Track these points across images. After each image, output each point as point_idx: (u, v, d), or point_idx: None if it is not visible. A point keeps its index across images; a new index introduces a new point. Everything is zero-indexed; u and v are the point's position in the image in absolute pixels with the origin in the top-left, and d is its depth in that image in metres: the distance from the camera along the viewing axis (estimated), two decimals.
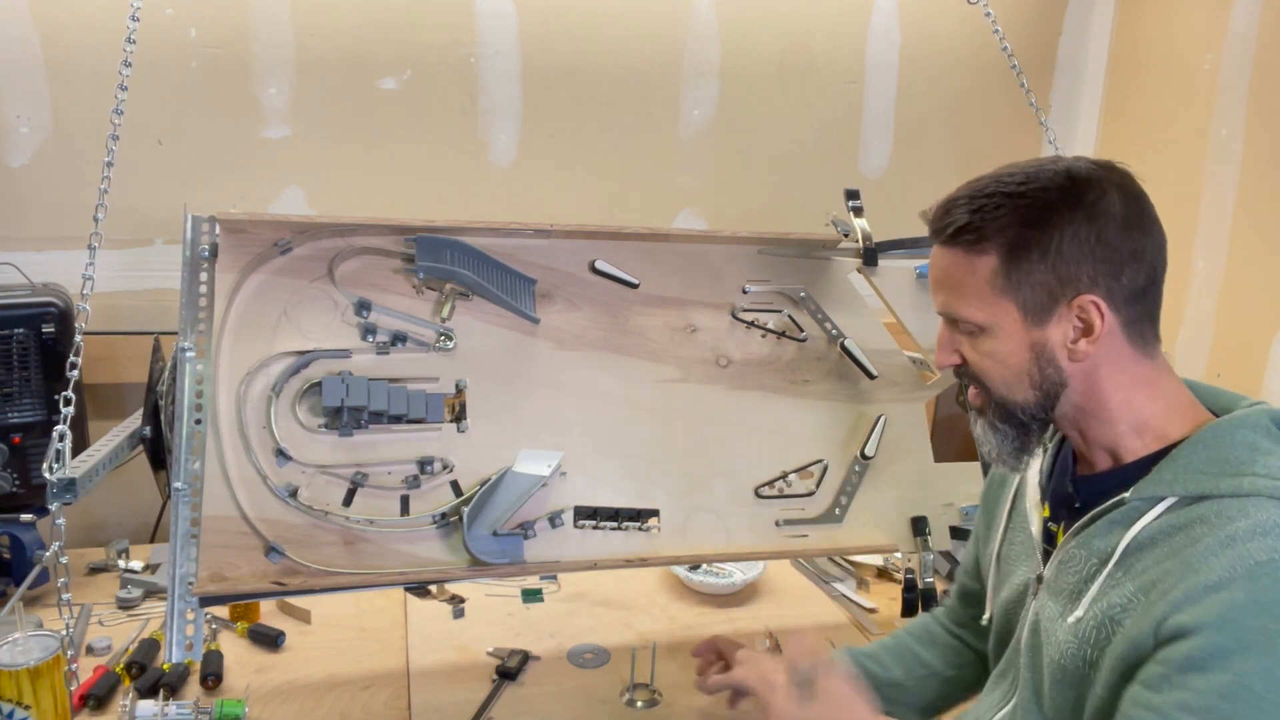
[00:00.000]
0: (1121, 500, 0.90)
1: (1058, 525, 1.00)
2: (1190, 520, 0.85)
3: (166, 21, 1.74)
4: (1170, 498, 0.87)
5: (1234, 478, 0.85)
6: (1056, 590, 0.95)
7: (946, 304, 0.95)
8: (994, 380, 0.95)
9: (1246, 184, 1.86)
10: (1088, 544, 0.93)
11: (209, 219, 1.27)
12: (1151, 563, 0.86)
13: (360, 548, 1.24)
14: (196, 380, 1.22)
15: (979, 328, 0.93)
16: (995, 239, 0.90)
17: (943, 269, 0.95)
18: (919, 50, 2.14)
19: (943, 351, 0.98)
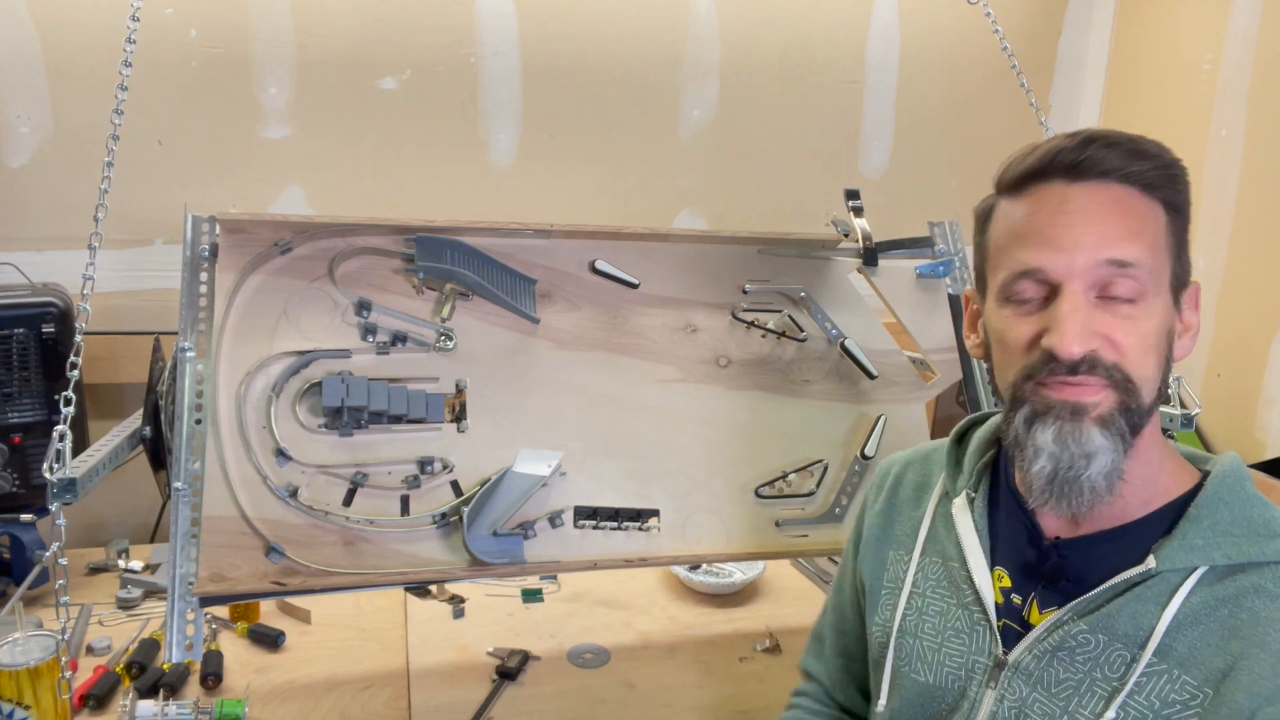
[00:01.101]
0: (1149, 571, 0.77)
1: (1025, 597, 0.84)
2: (1239, 592, 0.74)
3: (166, 21, 1.74)
4: (1203, 567, 0.76)
5: (1270, 540, 0.76)
6: (1048, 683, 0.80)
7: (1121, 246, 0.74)
8: (1137, 370, 0.76)
9: (1246, 184, 1.86)
10: (1106, 627, 0.78)
11: (209, 219, 1.27)
12: (1205, 646, 0.74)
13: (360, 548, 1.24)
14: (196, 380, 1.22)
15: (1142, 293, 0.75)
16: (1164, 190, 0.78)
17: (1113, 204, 0.76)
18: (919, 50, 2.14)
19: (1085, 333, 0.74)
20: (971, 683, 0.85)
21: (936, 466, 0.98)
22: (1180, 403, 1.48)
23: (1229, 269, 1.90)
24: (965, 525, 0.88)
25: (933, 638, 0.89)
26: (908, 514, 0.97)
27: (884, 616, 0.94)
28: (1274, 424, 1.80)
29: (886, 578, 0.96)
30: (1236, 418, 1.87)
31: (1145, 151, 0.78)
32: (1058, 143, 0.79)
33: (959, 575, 0.88)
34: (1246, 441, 1.85)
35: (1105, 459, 0.75)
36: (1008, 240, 0.81)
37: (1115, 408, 0.76)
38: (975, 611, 0.86)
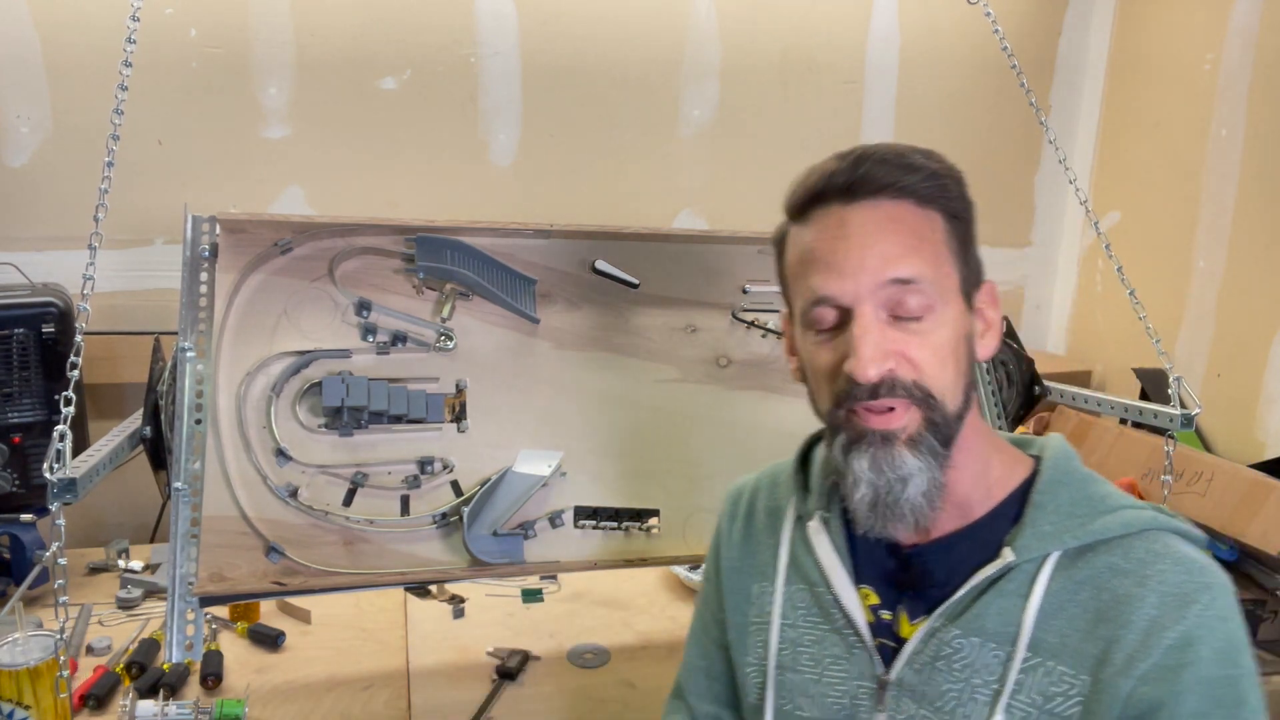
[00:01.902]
0: (1007, 565, 0.77)
1: (893, 612, 0.83)
2: (1096, 573, 0.76)
3: (166, 21, 1.74)
4: (1056, 552, 0.77)
5: (1111, 515, 0.78)
6: (933, 697, 0.79)
7: (901, 264, 0.74)
8: (936, 383, 0.76)
9: (1246, 184, 1.86)
10: (977, 628, 0.78)
11: (209, 219, 1.27)
12: (1074, 633, 0.75)
13: (360, 548, 1.24)
14: (197, 380, 1.22)
15: (929, 306, 0.76)
16: (938, 200, 0.78)
17: (889, 222, 0.76)
18: (919, 50, 2.14)
19: (879, 355, 0.74)
20: (859, 710, 0.83)
21: (784, 490, 0.94)
22: (1180, 403, 1.48)
23: (1229, 269, 1.90)
24: (824, 547, 0.86)
25: (812, 669, 0.86)
26: (766, 542, 0.93)
27: (757, 654, 0.90)
28: (1274, 424, 1.80)
29: (753, 612, 0.91)
30: (1236, 418, 1.87)
31: (914, 164, 0.78)
32: (831, 165, 0.79)
33: (826, 599, 0.86)
34: (1246, 441, 1.85)
35: (921, 479, 0.76)
36: (799, 267, 0.80)
37: (921, 426, 0.76)
38: (849, 634, 0.84)
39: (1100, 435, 1.83)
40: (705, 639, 0.99)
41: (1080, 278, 2.33)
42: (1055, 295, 2.39)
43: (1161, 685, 0.72)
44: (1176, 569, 0.75)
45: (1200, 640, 0.72)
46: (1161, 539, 0.77)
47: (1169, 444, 1.50)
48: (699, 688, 0.99)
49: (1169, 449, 1.49)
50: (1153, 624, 0.73)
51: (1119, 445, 1.77)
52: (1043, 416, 1.98)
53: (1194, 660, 0.72)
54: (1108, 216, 2.20)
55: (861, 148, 0.78)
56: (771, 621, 0.88)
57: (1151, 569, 0.75)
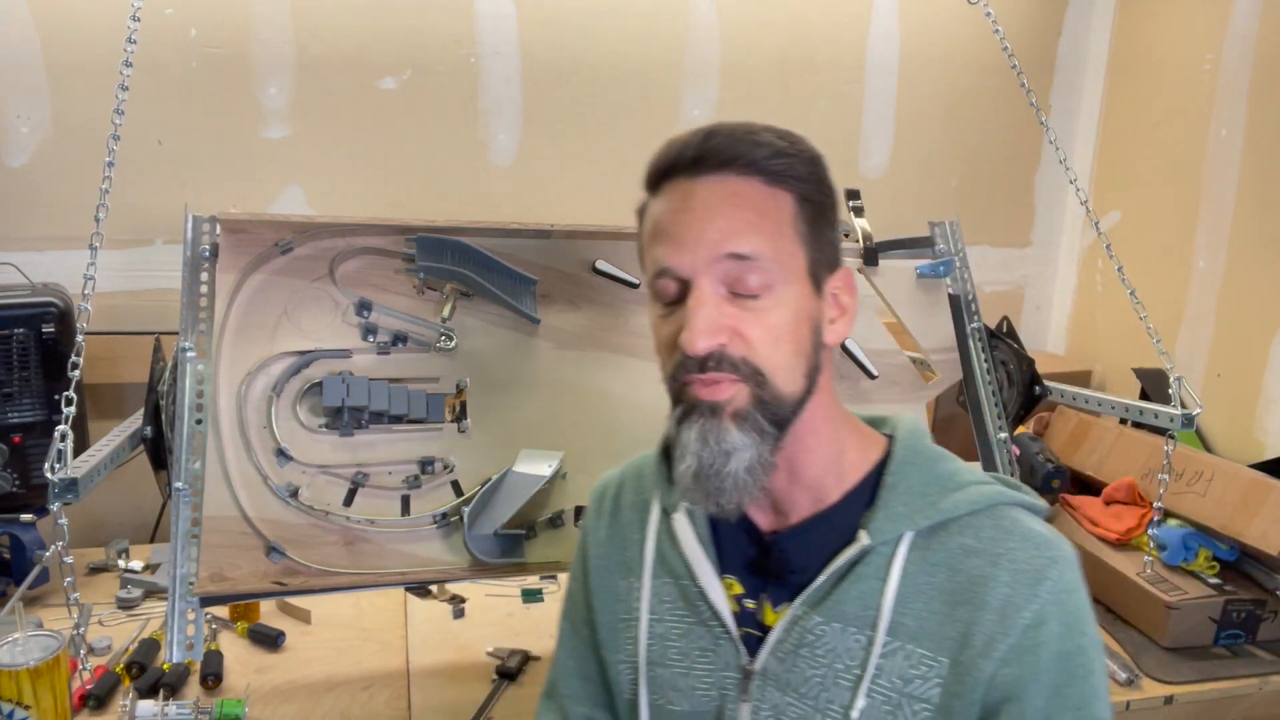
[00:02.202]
0: (864, 548, 0.78)
1: (757, 601, 0.83)
2: (950, 554, 0.78)
3: (166, 21, 1.74)
4: (910, 532, 0.78)
5: (958, 492, 0.79)
6: (796, 684, 0.80)
7: (740, 240, 0.74)
8: (771, 363, 0.75)
9: (1246, 184, 1.86)
10: (838, 613, 0.79)
11: (209, 219, 1.27)
12: (931, 615, 0.77)
13: (360, 548, 1.24)
14: (197, 380, 1.22)
15: (768, 285, 0.75)
16: (792, 178, 0.77)
17: (731, 197, 0.75)
18: (919, 50, 2.14)
19: (710, 328, 0.74)
20: (726, 700, 0.83)
21: (648, 483, 0.93)
22: (1180, 403, 1.48)
23: (1229, 269, 1.90)
24: (688, 539, 0.86)
25: (680, 662, 0.85)
26: (632, 537, 0.92)
27: (628, 651, 0.89)
28: (1274, 424, 1.80)
29: (622, 609, 0.90)
30: (1236, 418, 1.87)
31: (761, 141, 0.77)
32: (684, 138, 0.78)
33: (691, 592, 0.85)
34: (1246, 441, 1.85)
35: (745, 455, 0.75)
36: (649, 239, 0.80)
37: (749, 403, 0.75)
38: (715, 626, 0.84)
39: (1100, 435, 1.83)
40: (575, 640, 0.97)
41: (1080, 278, 2.33)
42: (1055, 295, 2.39)
43: (1020, 665, 0.74)
44: (1025, 545, 0.77)
45: (1052, 616, 0.75)
46: (1009, 514, 0.79)
47: (1169, 444, 1.50)
48: (572, 689, 0.97)
49: (1169, 449, 1.49)
50: (1007, 603, 0.75)
51: (1119, 445, 1.77)
52: (1043, 416, 1.98)
53: (1048, 637, 0.75)
54: (1108, 216, 2.20)
55: (716, 123, 0.78)
56: (640, 617, 0.88)
57: (1002, 547, 0.77)
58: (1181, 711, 1.38)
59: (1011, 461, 1.51)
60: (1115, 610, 1.56)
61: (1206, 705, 1.39)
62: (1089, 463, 1.81)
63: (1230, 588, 1.50)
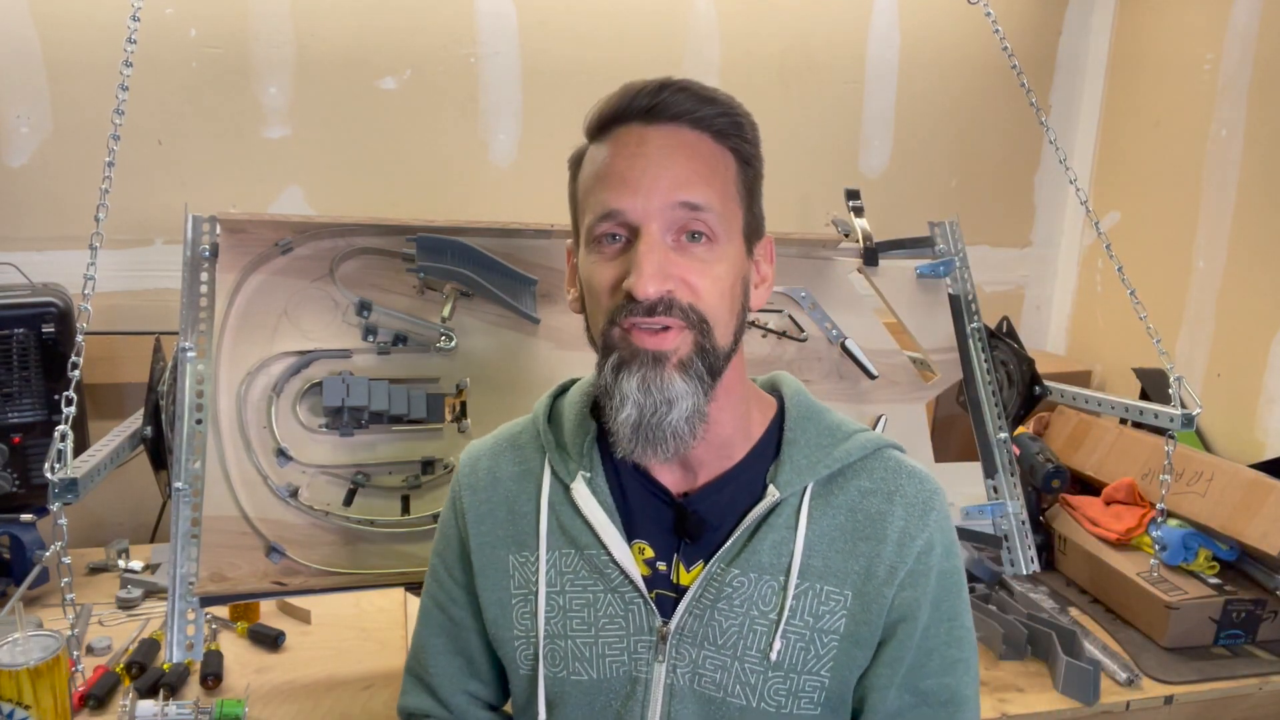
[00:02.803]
0: (775, 501, 0.82)
1: (669, 562, 0.85)
2: (850, 499, 0.84)
3: (166, 21, 1.74)
4: (812, 481, 0.84)
5: (847, 441, 0.86)
6: (714, 637, 0.82)
7: (693, 189, 0.76)
8: (712, 312, 0.78)
9: (1246, 184, 1.86)
10: (754, 564, 0.82)
11: (209, 219, 1.27)
12: (836, 554, 0.83)
13: (360, 548, 1.24)
14: (197, 380, 1.22)
15: (713, 238, 0.78)
16: (732, 139, 0.81)
17: (685, 148, 0.78)
18: (919, 50, 2.14)
19: (660, 273, 0.75)
20: (637, 664, 0.84)
21: (530, 451, 0.92)
22: (1180, 402, 1.48)
23: (1229, 269, 1.90)
24: (591, 507, 0.85)
25: (585, 632, 0.85)
26: (518, 510, 0.90)
27: (524, 625, 0.88)
28: (1274, 424, 1.80)
29: (514, 584, 0.88)
30: (1236, 418, 1.87)
31: (715, 99, 0.80)
32: (635, 86, 0.80)
33: (599, 560, 0.85)
34: (1246, 441, 1.85)
35: (686, 403, 0.77)
36: (592, 183, 0.80)
37: (692, 350, 0.77)
38: (626, 591, 0.84)
39: (1100, 435, 1.83)
40: (443, 618, 0.95)
41: (1080, 278, 2.33)
42: (1055, 295, 2.39)
43: (915, 587, 0.83)
44: (913, 481, 0.85)
45: (938, 541, 0.84)
46: (891, 455, 0.87)
47: (1169, 444, 1.50)
48: (442, 667, 0.95)
49: (1169, 449, 1.49)
50: (903, 534, 0.83)
51: (1119, 445, 1.77)
52: (1043, 416, 1.98)
53: (935, 560, 0.84)
54: (1108, 216, 2.20)
55: (666, 77, 0.80)
56: (538, 590, 0.86)
57: (894, 484, 0.85)
58: (1181, 711, 1.38)
59: (1011, 461, 1.51)
60: (1115, 610, 1.56)
61: (1206, 705, 1.39)
62: (1089, 463, 1.81)
63: (1230, 588, 1.50)
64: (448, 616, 0.95)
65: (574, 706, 0.86)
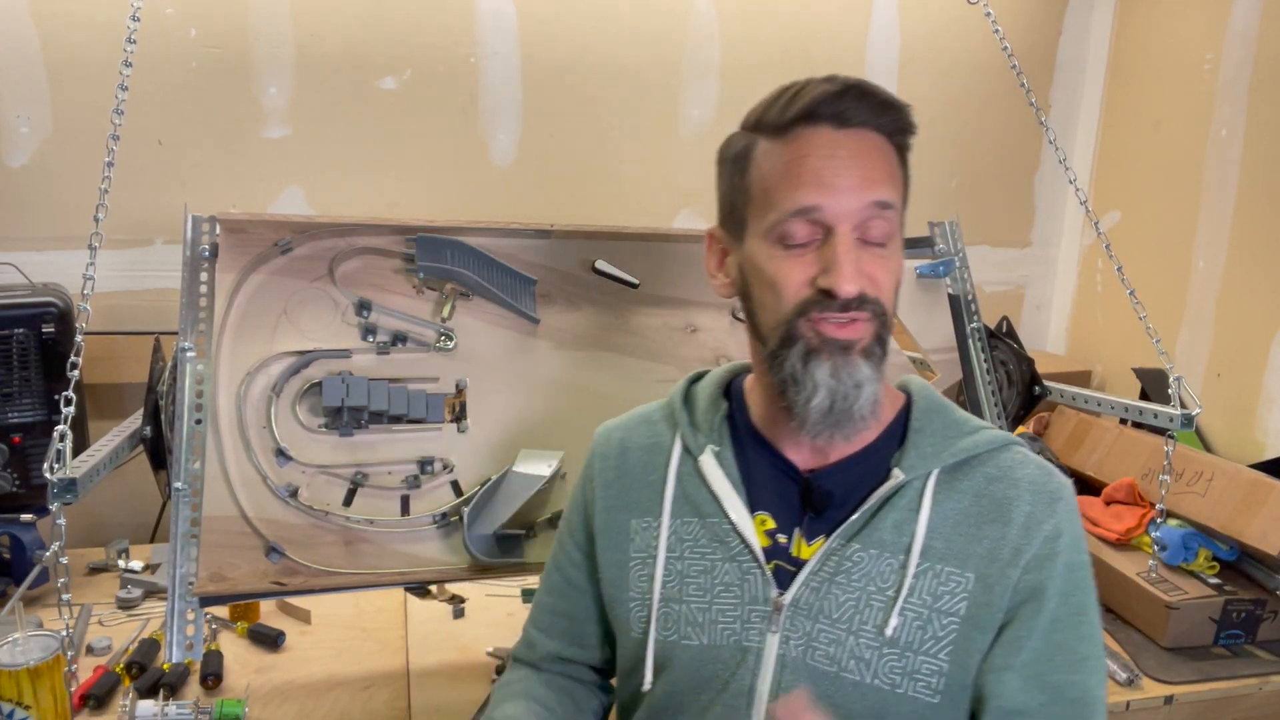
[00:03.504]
0: (899, 483, 0.85)
1: (790, 535, 0.88)
2: (975, 484, 0.86)
3: (166, 21, 1.74)
4: (937, 469, 0.86)
5: (974, 434, 0.88)
6: (829, 610, 0.84)
7: (884, 189, 0.81)
8: (888, 303, 0.83)
9: (1246, 184, 1.86)
10: (875, 540, 0.85)
11: (209, 219, 1.27)
12: (959, 537, 0.84)
13: (360, 548, 1.24)
14: (197, 380, 1.22)
15: (891, 234, 0.83)
16: (901, 140, 0.85)
17: (873, 151, 0.82)
18: (919, 51, 2.14)
19: (856, 273, 0.79)
20: (749, 633, 0.86)
21: (661, 427, 0.97)
22: (1180, 403, 1.48)
23: (1229, 269, 1.90)
24: (718, 478, 0.90)
25: (700, 598, 0.88)
26: (644, 479, 0.95)
27: (640, 588, 0.92)
28: (1274, 424, 1.80)
29: (633, 547, 0.93)
30: (1236, 418, 1.87)
31: (894, 104, 0.83)
32: (820, 88, 0.82)
33: (721, 529, 0.89)
34: (1247, 441, 1.85)
35: (871, 388, 0.82)
36: (777, 179, 0.82)
37: (873, 340, 0.82)
38: (745, 560, 0.87)
39: (1100, 435, 1.83)
40: (559, 579, 1.01)
41: (1080, 278, 2.33)
42: (1055, 295, 2.39)
43: (1040, 571, 0.83)
44: (1040, 472, 0.87)
45: (1065, 531, 0.85)
46: (1019, 450, 0.89)
47: (1169, 444, 1.50)
48: (545, 624, 1.03)
49: (1169, 449, 1.49)
50: (1029, 518, 0.84)
51: (1119, 445, 1.77)
52: (1043, 416, 1.98)
53: (1063, 548, 0.84)
54: (1108, 216, 2.20)
55: (846, 77, 0.83)
56: (657, 555, 0.90)
57: (1020, 473, 0.86)
58: (1181, 712, 1.38)
59: None
60: (1115, 610, 1.56)
61: (1206, 705, 1.39)
62: (1089, 463, 1.81)
63: (1230, 588, 1.50)
64: (563, 577, 1.01)
65: (681, 671, 0.89)
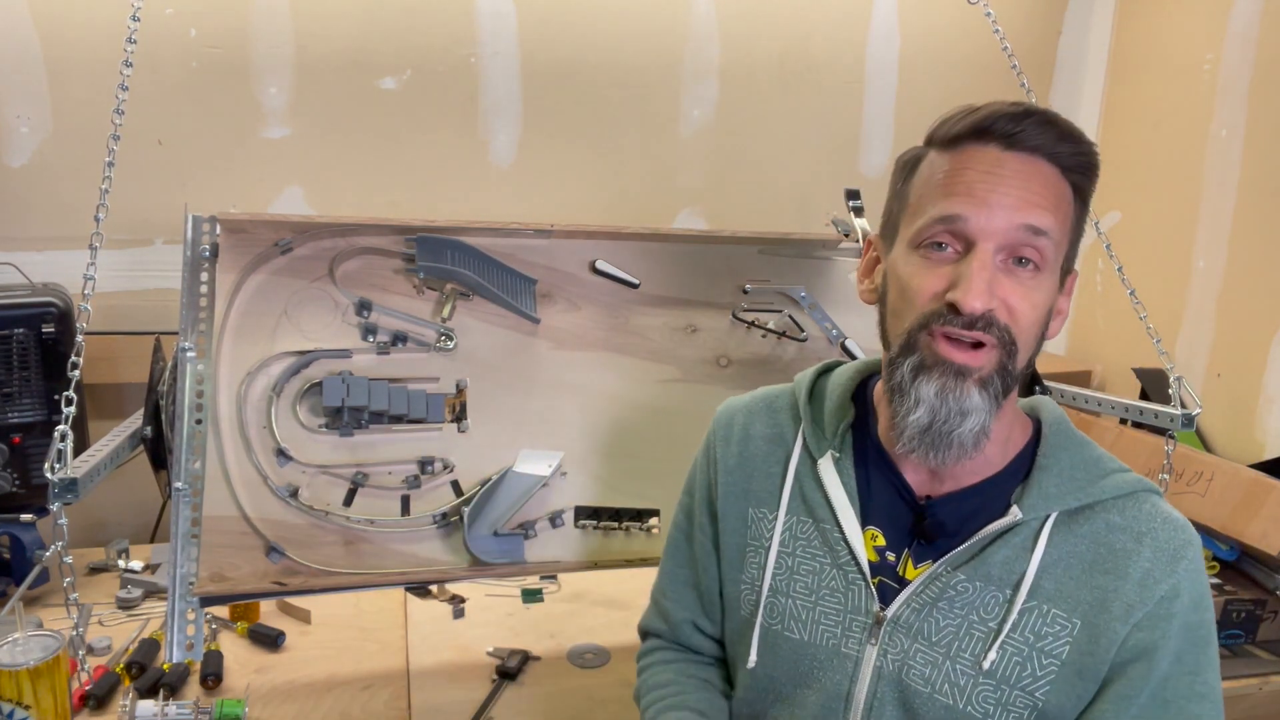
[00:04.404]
0: (1016, 521, 0.84)
1: (899, 555, 0.88)
2: (1095, 530, 0.84)
3: (166, 21, 1.74)
4: (1057, 510, 0.84)
5: (1106, 478, 0.85)
6: (928, 633, 0.85)
7: (1039, 214, 0.78)
8: (1024, 336, 0.80)
9: (1246, 184, 1.86)
10: (982, 574, 0.84)
11: (209, 219, 1.27)
12: (1069, 581, 0.82)
13: (360, 548, 1.24)
14: (197, 380, 1.22)
15: (1040, 265, 0.79)
16: (1078, 176, 0.82)
17: (1038, 176, 0.79)
18: (919, 50, 2.14)
19: (988, 291, 0.77)
20: (848, 640, 0.87)
21: (785, 418, 0.97)
22: (1180, 403, 1.48)
23: (1229, 269, 1.90)
24: (835, 487, 0.90)
25: (806, 596, 0.90)
26: (764, 469, 0.96)
27: (751, 574, 0.94)
28: (1274, 424, 1.80)
29: (750, 534, 0.95)
30: (1236, 418, 1.87)
31: (1073, 135, 0.81)
32: (998, 108, 0.81)
33: (832, 536, 0.90)
34: (1246, 441, 1.85)
35: (978, 418, 0.80)
36: (932, 189, 0.82)
37: (995, 370, 0.80)
38: (850, 570, 0.88)
39: (1100, 435, 1.83)
40: (688, 551, 1.03)
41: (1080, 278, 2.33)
42: None
43: (1153, 630, 0.81)
44: (1167, 527, 0.83)
45: (1185, 591, 0.82)
46: (1150, 500, 0.86)
47: (1169, 444, 1.50)
48: (678, 595, 1.04)
49: (1169, 449, 1.49)
50: (1147, 575, 0.81)
51: (1119, 445, 1.77)
52: None
53: (1179, 609, 0.81)
54: (1108, 216, 2.20)
55: (1028, 104, 0.81)
56: (771, 547, 0.92)
57: (1146, 526, 0.83)
58: None
59: None
60: None
61: None
62: None
63: (1230, 588, 1.50)
64: (691, 551, 1.02)
65: (784, 660, 0.91)
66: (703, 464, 1.02)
